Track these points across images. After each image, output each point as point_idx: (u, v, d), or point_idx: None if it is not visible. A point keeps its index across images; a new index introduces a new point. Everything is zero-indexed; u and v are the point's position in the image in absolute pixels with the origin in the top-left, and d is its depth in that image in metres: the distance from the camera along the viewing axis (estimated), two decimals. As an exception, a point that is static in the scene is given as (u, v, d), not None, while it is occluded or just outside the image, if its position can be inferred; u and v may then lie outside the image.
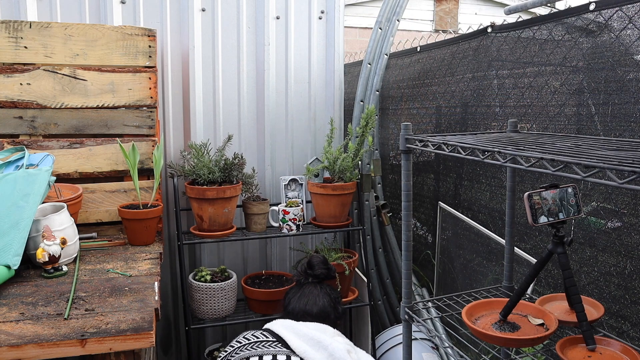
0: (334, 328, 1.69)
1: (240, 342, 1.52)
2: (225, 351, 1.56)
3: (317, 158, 2.59)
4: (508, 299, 1.28)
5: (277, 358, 1.43)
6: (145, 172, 2.19)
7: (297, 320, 1.68)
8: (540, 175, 1.87)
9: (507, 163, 1.06)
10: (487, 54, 2.28)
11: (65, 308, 1.37)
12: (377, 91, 2.79)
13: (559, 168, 0.94)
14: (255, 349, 1.47)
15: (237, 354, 1.49)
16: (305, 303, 1.72)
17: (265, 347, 1.47)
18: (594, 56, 1.74)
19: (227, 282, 2.26)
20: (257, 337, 1.51)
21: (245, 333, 1.57)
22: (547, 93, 1.94)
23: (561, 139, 1.30)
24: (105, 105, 2.15)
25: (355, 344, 1.66)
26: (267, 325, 1.58)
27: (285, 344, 1.47)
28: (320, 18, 2.60)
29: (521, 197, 1.27)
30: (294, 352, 1.45)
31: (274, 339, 1.49)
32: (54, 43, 2.07)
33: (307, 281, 1.81)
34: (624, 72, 1.62)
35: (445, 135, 1.39)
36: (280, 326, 1.54)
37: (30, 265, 1.68)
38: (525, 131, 1.69)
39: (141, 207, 1.99)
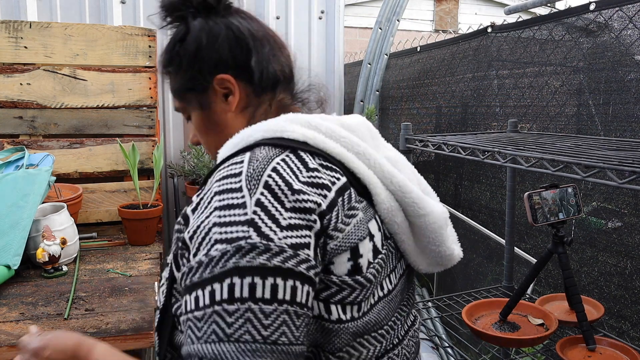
0: None
1: None
2: None
3: (317, 158, 2.58)
4: (508, 299, 1.28)
5: None
6: (145, 172, 2.19)
7: None
8: (541, 175, 1.87)
9: (507, 163, 1.06)
10: (487, 54, 2.28)
11: (65, 308, 1.37)
12: (377, 91, 2.79)
13: (559, 168, 0.94)
14: None
15: None
16: None
17: None
18: (594, 56, 1.74)
19: (227, 282, 2.26)
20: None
21: None
22: (547, 93, 1.94)
23: (561, 139, 1.30)
24: (105, 105, 2.14)
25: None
26: None
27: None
28: (320, 18, 2.60)
29: (521, 197, 1.27)
30: None
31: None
32: (54, 43, 2.07)
33: None
34: (625, 72, 1.62)
35: (445, 135, 1.39)
36: None
37: (30, 265, 1.68)
38: (525, 131, 1.69)
39: (141, 207, 1.99)
